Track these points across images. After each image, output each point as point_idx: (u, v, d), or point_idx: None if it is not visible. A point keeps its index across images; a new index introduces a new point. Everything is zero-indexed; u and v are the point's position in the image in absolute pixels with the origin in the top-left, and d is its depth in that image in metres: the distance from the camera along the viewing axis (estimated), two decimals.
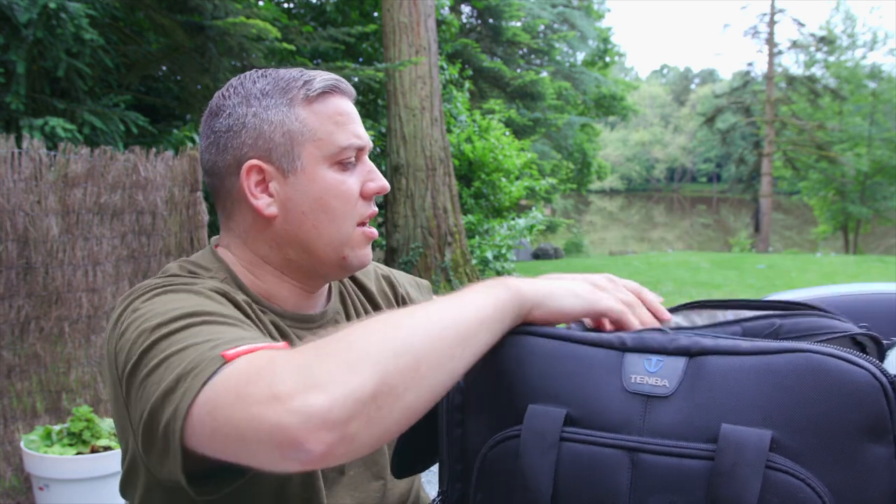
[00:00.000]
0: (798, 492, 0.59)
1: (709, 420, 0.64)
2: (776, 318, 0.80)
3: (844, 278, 9.80)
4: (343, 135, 0.95)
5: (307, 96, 0.95)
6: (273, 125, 0.94)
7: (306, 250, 0.97)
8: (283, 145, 0.94)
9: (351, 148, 0.96)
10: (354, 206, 0.97)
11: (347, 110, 0.97)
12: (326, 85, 0.96)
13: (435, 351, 0.64)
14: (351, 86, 1.01)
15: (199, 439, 0.65)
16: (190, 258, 0.99)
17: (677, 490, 0.62)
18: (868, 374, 0.60)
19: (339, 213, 0.96)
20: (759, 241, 22.04)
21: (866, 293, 1.61)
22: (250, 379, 0.62)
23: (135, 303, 0.83)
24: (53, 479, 2.76)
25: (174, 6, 5.69)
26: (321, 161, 0.95)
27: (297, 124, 0.94)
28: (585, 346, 0.73)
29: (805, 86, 23.23)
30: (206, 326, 0.74)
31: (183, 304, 0.79)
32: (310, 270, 0.99)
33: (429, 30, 7.94)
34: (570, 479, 0.67)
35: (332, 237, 0.96)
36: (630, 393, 0.68)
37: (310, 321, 1.02)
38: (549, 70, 18.15)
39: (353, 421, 0.58)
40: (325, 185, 0.95)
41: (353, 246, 0.98)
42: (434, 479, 3.27)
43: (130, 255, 3.50)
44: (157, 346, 0.73)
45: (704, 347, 0.68)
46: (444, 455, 0.81)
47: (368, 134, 1.01)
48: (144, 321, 0.77)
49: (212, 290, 0.86)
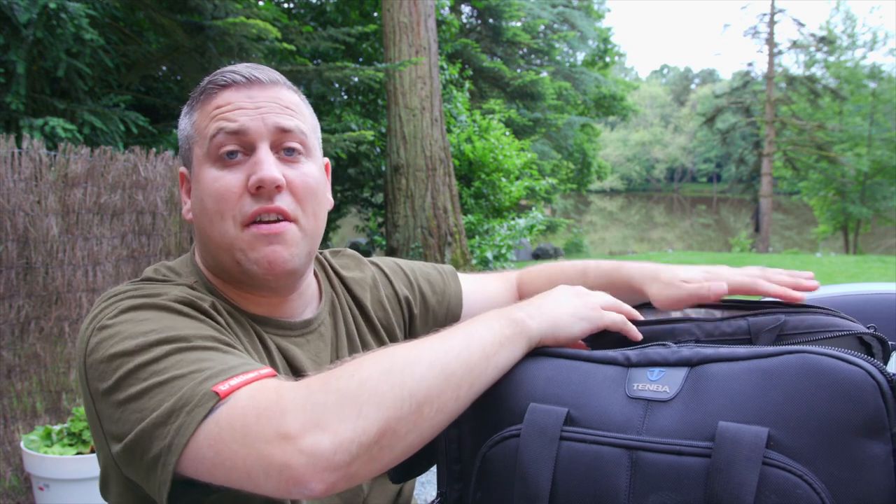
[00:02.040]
0: (795, 488, 0.59)
1: (707, 419, 0.64)
2: (782, 313, 0.81)
3: (844, 278, 9.79)
4: (213, 125, 0.88)
5: (198, 99, 0.93)
6: (182, 132, 0.96)
7: (212, 256, 0.93)
8: (185, 150, 0.95)
9: (220, 134, 0.87)
10: (234, 203, 0.87)
11: (230, 100, 0.89)
12: (211, 81, 0.91)
13: (440, 394, 0.67)
14: (262, 72, 0.92)
15: (197, 471, 0.67)
16: (169, 262, 0.98)
17: (676, 488, 0.63)
18: (864, 373, 0.61)
19: (213, 214, 0.88)
20: (759, 242, 22.03)
21: (867, 293, 1.61)
22: (258, 417, 0.64)
23: (102, 317, 0.80)
24: (53, 479, 2.76)
25: (174, 6, 5.69)
26: (203, 160, 0.90)
27: (190, 128, 0.94)
28: (592, 363, 0.75)
29: (805, 86, 23.22)
30: (184, 354, 0.74)
31: (154, 325, 0.77)
32: (234, 277, 0.93)
33: (429, 30, 7.94)
34: (569, 477, 0.67)
35: (217, 240, 0.89)
36: (631, 399, 0.69)
37: (289, 329, 0.97)
38: (549, 70, 18.14)
39: (356, 462, 0.62)
40: (203, 185, 0.89)
41: (242, 248, 0.88)
42: (433, 479, 3.27)
43: (130, 255, 3.50)
44: (136, 374, 0.72)
45: (705, 356, 0.69)
46: (442, 456, 0.81)
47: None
48: (117, 343, 0.76)
49: (177, 301, 0.83)
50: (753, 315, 0.81)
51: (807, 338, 0.77)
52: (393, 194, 7.93)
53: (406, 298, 1.16)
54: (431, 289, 1.18)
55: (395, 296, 1.15)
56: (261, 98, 0.90)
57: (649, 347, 0.75)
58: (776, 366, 0.64)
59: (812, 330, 0.78)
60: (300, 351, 0.97)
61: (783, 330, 0.79)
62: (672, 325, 0.83)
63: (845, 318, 0.80)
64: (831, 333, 0.77)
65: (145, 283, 0.89)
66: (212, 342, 0.77)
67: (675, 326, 0.83)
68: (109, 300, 0.84)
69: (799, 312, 0.81)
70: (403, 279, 1.18)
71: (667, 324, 0.83)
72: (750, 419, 0.62)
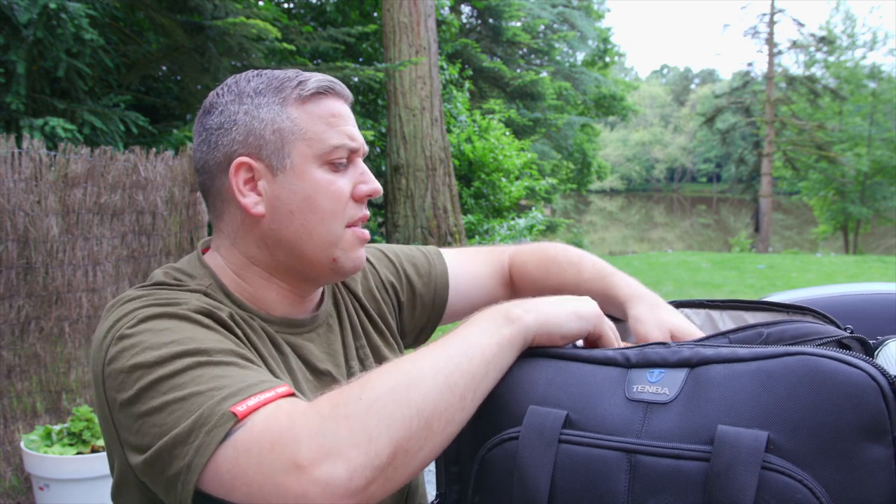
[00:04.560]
0: (795, 492, 0.59)
1: (706, 423, 0.64)
2: (762, 326, 0.81)
3: (844, 278, 9.79)
4: (335, 135, 0.93)
5: (300, 96, 0.93)
6: (264, 123, 0.92)
7: (295, 251, 0.94)
8: (273, 143, 0.92)
9: (343, 148, 0.93)
10: (344, 206, 0.94)
11: (341, 112, 0.95)
12: (320, 86, 0.94)
13: (447, 407, 0.68)
14: (347, 89, 0.99)
15: (216, 489, 0.69)
16: (176, 264, 0.98)
17: (675, 492, 0.63)
18: (865, 375, 0.61)
19: (327, 213, 0.93)
20: (759, 241, 22.02)
21: (866, 293, 1.61)
22: (273, 445, 0.65)
23: (121, 325, 0.80)
24: (53, 479, 2.76)
25: (174, 6, 5.69)
26: (311, 160, 0.92)
27: (289, 123, 0.92)
28: (591, 364, 0.75)
29: (805, 86, 23.21)
30: (204, 370, 0.74)
31: (175, 336, 0.77)
32: (300, 273, 0.96)
33: (429, 30, 7.95)
34: (568, 480, 0.67)
35: (321, 238, 0.93)
36: (631, 401, 0.69)
37: (300, 326, 0.99)
38: (549, 70, 18.15)
39: (372, 485, 0.63)
40: (314, 184, 0.92)
41: (343, 248, 0.95)
42: (431, 479, 3.27)
43: (130, 255, 3.50)
44: (156, 387, 0.73)
45: (705, 357, 0.69)
46: (440, 457, 0.81)
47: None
48: (137, 353, 0.76)
49: (197, 312, 0.83)
50: (734, 332, 0.82)
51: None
52: (393, 194, 7.93)
53: (392, 285, 1.17)
54: (417, 272, 1.19)
55: (381, 284, 1.16)
56: (350, 115, 0.98)
57: (648, 347, 0.74)
58: (776, 368, 0.64)
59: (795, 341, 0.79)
60: (313, 346, 0.99)
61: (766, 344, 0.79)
62: None
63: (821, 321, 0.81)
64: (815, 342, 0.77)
65: (158, 289, 0.89)
66: (231, 356, 0.77)
67: None
68: (126, 307, 0.83)
69: (777, 323, 0.81)
70: (388, 266, 1.19)
71: None
72: (749, 422, 0.62)
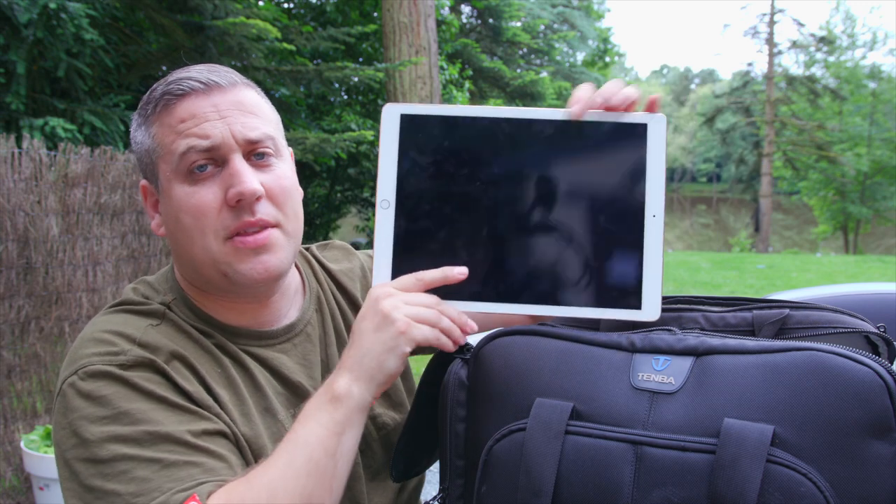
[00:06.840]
0: (799, 486, 0.59)
1: (712, 415, 0.64)
2: (787, 307, 0.80)
3: (844, 278, 9.80)
4: (182, 141, 0.85)
5: (155, 111, 0.88)
6: (140, 145, 0.91)
7: (193, 268, 0.91)
8: (148, 166, 0.91)
9: (192, 152, 0.85)
10: (212, 218, 0.86)
11: (195, 112, 0.86)
12: (167, 91, 0.87)
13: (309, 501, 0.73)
14: (219, 73, 0.90)
15: None
16: (148, 277, 0.98)
17: (680, 483, 0.63)
18: (872, 373, 0.61)
19: (192, 231, 0.87)
20: (759, 241, 22.03)
21: (866, 293, 1.61)
22: None
23: (79, 366, 0.82)
24: (53, 479, 2.75)
25: (174, 6, 5.69)
26: (172, 177, 0.87)
27: (150, 141, 0.89)
28: (596, 347, 0.74)
29: (805, 86, 23.23)
30: (129, 465, 0.77)
31: (112, 410, 0.79)
32: (218, 288, 0.92)
33: (429, 30, 7.95)
34: (573, 471, 0.67)
35: (200, 256, 0.88)
36: (637, 390, 0.69)
37: (271, 337, 0.96)
38: (549, 70, 18.15)
39: None
40: (177, 202, 0.87)
41: (227, 262, 0.87)
42: (434, 479, 3.26)
43: (130, 255, 3.50)
44: (87, 465, 0.78)
45: (711, 347, 0.68)
46: (445, 452, 0.81)
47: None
48: (77, 419, 0.80)
49: (137, 366, 0.83)
50: (759, 308, 0.81)
51: (811, 333, 0.76)
52: None
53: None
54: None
55: None
56: (223, 104, 0.87)
57: (654, 332, 0.74)
58: (784, 362, 0.64)
59: (817, 325, 0.77)
60: (286, 358, 0.96)
61: (786, 324, 0.78)
62: (679, 312, 0.82)
63: (854, 315, 0.80)
64: (835, 330, 0.76)
65: (122, 312, 0.90)
66: (158, 444, 0.78)
67: (682, 315, 0.82)
68: (88, 347, 0.84)
69: (805, 308, 0.80)
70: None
71: (674, 311, 0.82)
72: (755, 416, 0.62)
